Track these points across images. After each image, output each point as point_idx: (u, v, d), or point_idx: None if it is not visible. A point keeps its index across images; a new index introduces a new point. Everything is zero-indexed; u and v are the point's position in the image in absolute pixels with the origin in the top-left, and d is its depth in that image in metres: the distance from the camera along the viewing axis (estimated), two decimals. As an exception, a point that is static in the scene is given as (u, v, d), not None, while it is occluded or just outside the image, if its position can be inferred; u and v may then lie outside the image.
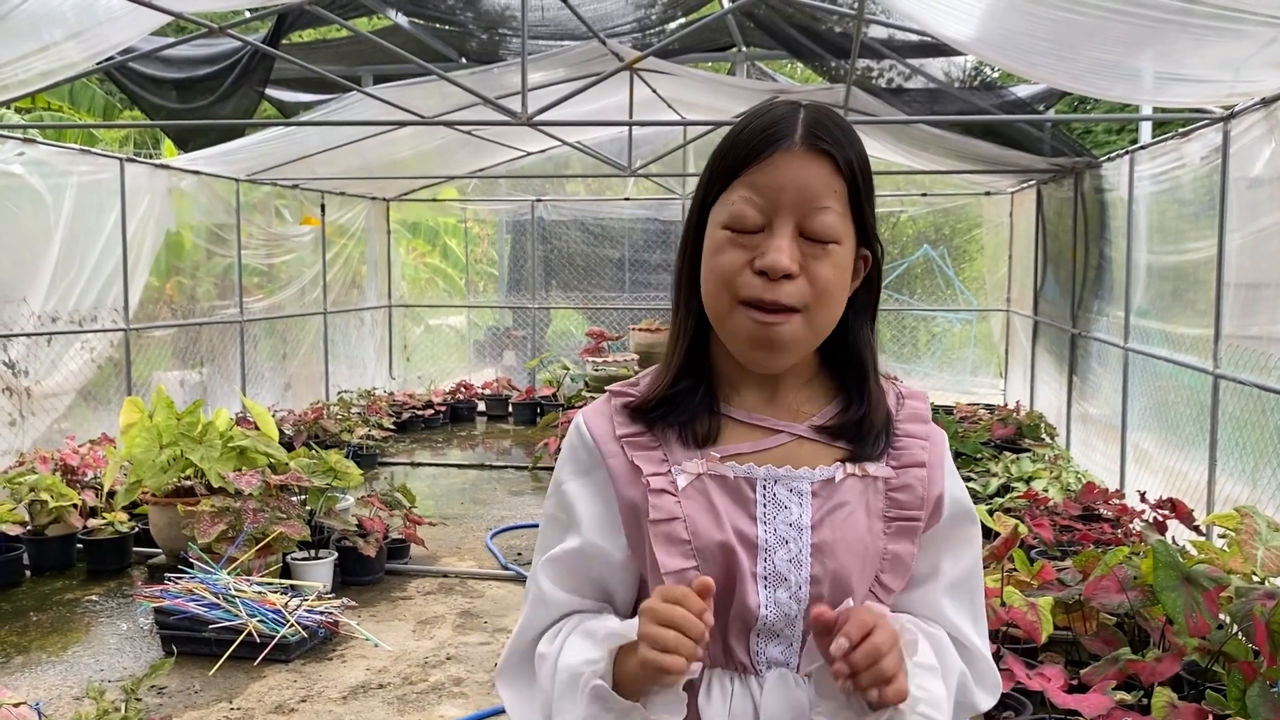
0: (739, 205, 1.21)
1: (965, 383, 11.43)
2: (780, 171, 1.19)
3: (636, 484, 1.25)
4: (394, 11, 8.72)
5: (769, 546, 1.23)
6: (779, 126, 1.21)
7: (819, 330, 1.23)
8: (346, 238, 10.99)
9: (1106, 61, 4.48)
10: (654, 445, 1.28)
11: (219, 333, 8.93)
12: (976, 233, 11.63)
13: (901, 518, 1.27)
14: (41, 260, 6.61)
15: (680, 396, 1.28)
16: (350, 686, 4.27)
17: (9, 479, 5.81)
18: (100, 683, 4.18)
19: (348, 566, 5.56)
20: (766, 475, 1.25)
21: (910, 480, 1.28)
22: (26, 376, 6.52)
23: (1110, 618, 3.86)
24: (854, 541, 1.24)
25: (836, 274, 1.22)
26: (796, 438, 1.28)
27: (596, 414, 1.33)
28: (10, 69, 5.32)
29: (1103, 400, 7.09)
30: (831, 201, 1.20)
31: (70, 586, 5.57)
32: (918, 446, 1.29)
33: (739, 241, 1.21)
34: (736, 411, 1.29)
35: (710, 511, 1.24)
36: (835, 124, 1.23)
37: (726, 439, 1.27)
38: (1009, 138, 7.58)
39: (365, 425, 9.01)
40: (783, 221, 1.19)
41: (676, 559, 1.22)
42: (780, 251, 1.18)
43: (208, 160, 8.22)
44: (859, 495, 1.26)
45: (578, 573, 1.29)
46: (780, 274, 1.18)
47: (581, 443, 1.32)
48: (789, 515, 1.24)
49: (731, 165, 1.23)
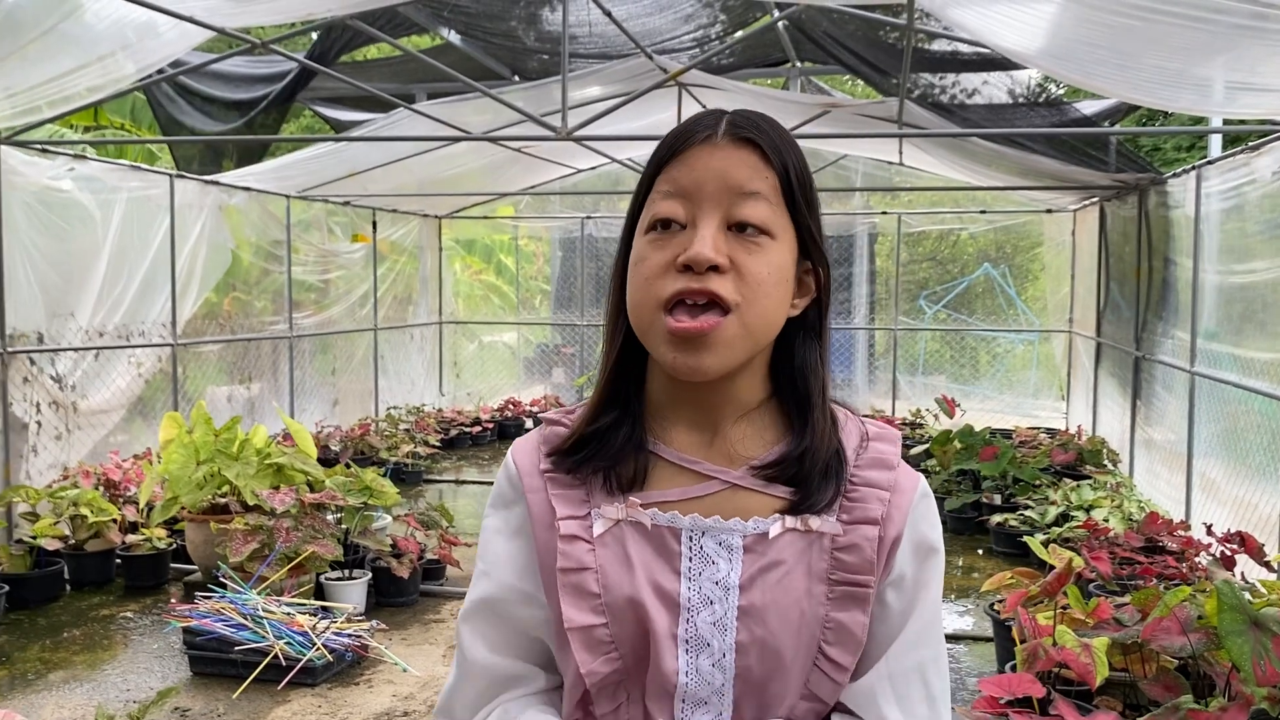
0: (659, 202, 1.08)
1: (1026, 405, 11.11)
2: (701, 162, 1.07)
3: (553, 526, 1.11)
4: (447, 30, 8.73)
5: (692, 606, 1.08)
6: (699, 123, 1.10)
7: (753, 331, 1.07)
8: (398, 254, 11.01)
9: (1170, 70, 4.26)
10: (577, 484, 1.13)
11: (269, 348, 8.96)
12: (1038, 251, 11.32)
13: (848, 582, 1.09)
14: (89, 275, 6.65)
15: (605, 433, 1.13)
16: (375, 714, 4.17)
17: (51, 493, 5.82)
18: (125, 703, 4.13)
19: (381, 587, 5.47)
20: (693, 526, 1.09)
21: (858, 540, 1.09)
22: (73, 391, 6.56)
23: (1172, 660, 3.62)
24: (788, 606, 1.07)
25: (771, 272, 1.07)
26: (731, 485, 1.11)
27: (525, 444, 1.19)
28: (55, 85, 5.36)
29: (1168, 426, 6.78)
30: (761, 188, 1.07)
31: (107, 602, 5.56)
32: (875, 499, 1.11)
33: (661, 242, 1.08)
34: (666, 451, 1.13)
35: (625, 563, 1.09)
36: (763, 120, 1.10)
37: (654, 483, 1.12)
38: (1071, 153, 7.33)
39: (411, 442, 8.97)
40: (707, 214, 1.06)
41: (585, 614, 1.08)
42: (703, 243, 1.04)
43: (258, 177, 8.27)
44: (799, 553, 1.09)
45: (499, 626, 1.15)
46: (705, 265, 1.04)
47: (505, 477, 1.18)
48: (715, 572, 1.08)
49: (653, 169, 1.11)
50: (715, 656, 1.07)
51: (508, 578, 1.14)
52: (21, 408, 6.13)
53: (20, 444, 6.13)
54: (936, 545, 1.14)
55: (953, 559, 6.45)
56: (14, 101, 5.46)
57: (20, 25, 4.74)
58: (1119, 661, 3.66)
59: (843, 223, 11.39)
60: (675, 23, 8.04)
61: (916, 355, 11.71)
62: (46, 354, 6.32)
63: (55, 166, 6.36)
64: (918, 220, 11.32)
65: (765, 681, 1.08)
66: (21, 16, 4.67)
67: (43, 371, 6.31)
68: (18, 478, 6.03)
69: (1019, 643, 3.72)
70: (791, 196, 1.09)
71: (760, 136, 1.08)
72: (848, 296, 11.57)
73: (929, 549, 1.13)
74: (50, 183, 6.28)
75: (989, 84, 7.20)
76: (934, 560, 1.13)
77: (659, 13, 7.91)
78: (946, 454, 7.54)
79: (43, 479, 6.22)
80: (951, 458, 7.46)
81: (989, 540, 6.62)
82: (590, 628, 1.08)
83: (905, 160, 9.49)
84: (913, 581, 1.11)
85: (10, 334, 5.98)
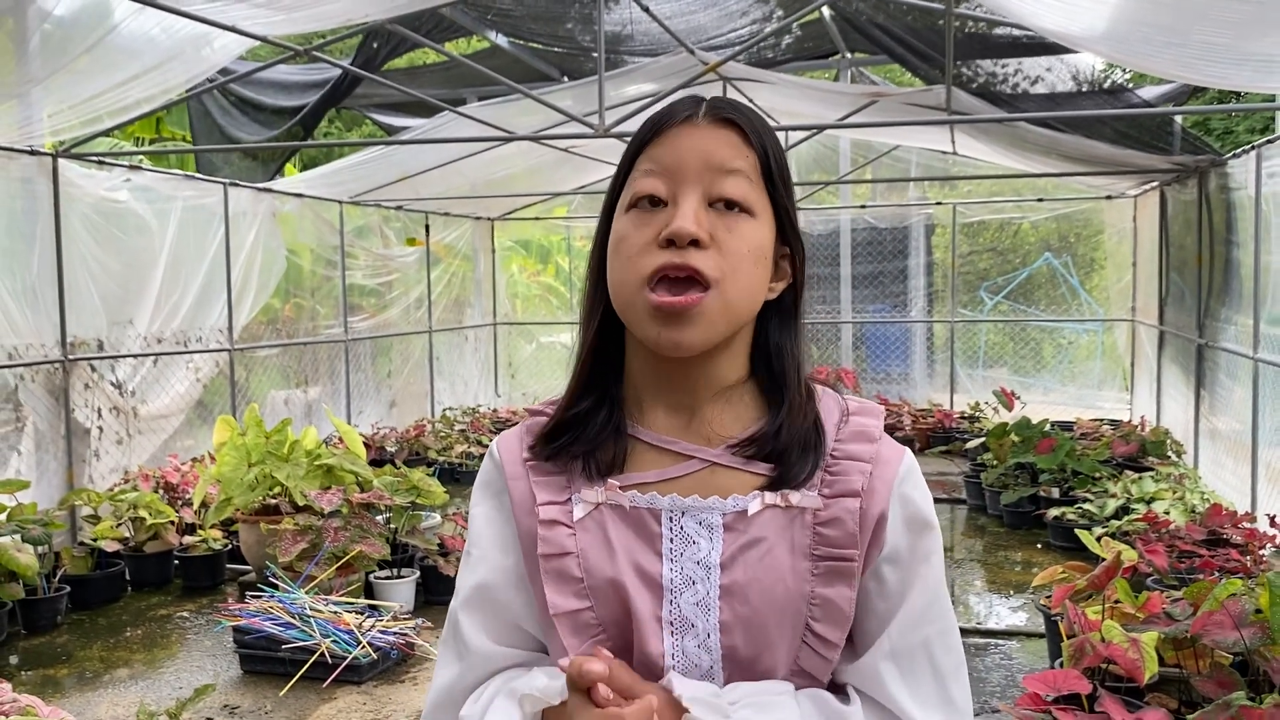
0: (640, 180, 1.09)
1: (1089, 397, 10.84)
2: (683, 141, 1.09)
3: (534, 513, 1.12)
4: (494, 33, 8.79)
5: (674, 588, 1.07)
6: (679, 105, 1.12)
7: (733, 307, 1.07)
8: (452, 257, 11.11)
9: (1218, 45, 4.12)
10: (557, 471, 1.14)
11: (326, 352, 9.10)
12: (1100, 239, 11.05)
13: (831, 556, 1.07)
14: (147, 284, 6.81)
15: (583, 418, 1.13)
16: (419, 711, 4.20)
17: (112, 496, 5.97)
18: (176, 702, 4.21)
19: (430, 586, 5.52)
20: (672, 506, 1.09)
21: (840, 513, 1.08)
22: (133, 397, 6.73)
23: (1227, 656, 3.50)
24: (772, 584, 1.06)
25: (751, 250, 1.08)
26: (709, 464, 1.10)
27: (509, 435, 1.20)
28: (107, 98, 5.49)
29: (1232, 415, 6.58)
30: (742, 165, 1.08)
31: (165, 602, 5.68)
32: (856, 471, 1.10)
33: (643, 220, 1.08)
34: (645, 434, 1.13)
35: (606, 547, 1.09)
36: (743, 106, 1.12)
37: (633, 465, 1.12)
38: (1134, 139, 7.15)
39: (465, 442, 9.05)
40: (688, 190, 1.07)
41: (568, 599, 1.08)
42: (685, 218, 1.05)
43: (310, 183, 8.40)
44: (780, 529, 1.08)
45: (499, 613, 1.15)
46: (686, 239, 1.05)
47: (491, 466, 1.20)
48: (696, 552, 1.08)
49: (634, 150, 1.12)
50: (700, 637, 1.07)
51: (502, 563, 1.14)
52: (84, 413, 6.30)
53: (83, 449, 6.29)
54: (929, 518, 1.12)
55: (1009, 554, 6.32)
56: (67, 116, 5.61)
57: (68, 40, 4.87)
58: (1171, 657, 3.55)
59: (898, 214, 11.23)
60: (721, 19, 8.01)
61: (977, 348, 11.50)
62: (107, 361, 6.48)
63: (112, 178, 6.53)
64: (975, 210, 11.12)
65: (753, 660, 1.07)
66: (68, 32, 4.80)
67: (103, 378, 6.47)
68: (80, 481, 6.19)
69: (1066, 638, 3.63)
70: (770, 177, 1.10)
71: (740, 118, 1.10)
72: (904, 289, 11.40)
73: (922, 522, 1.11)
74: (106, 194, 6.44)
75: (1051, 71, 7.07)
76: (929, 534, 1.11)
77: (704, 9, 7.88)
78: (1003, 447, 7.39)
79: (104, 483, 6.38)
80: (1008, 451, 7.31)
81: (1046, 535, 6.48)
82: (576, 612, 1.09)
83: (959, 150, 9.32)
84: (909, 556, 1.10)
85: (71, 342, 6.15)
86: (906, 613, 1.09)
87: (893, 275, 11.33)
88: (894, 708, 1.07)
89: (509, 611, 1.14)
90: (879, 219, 11.20)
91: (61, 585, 5.38)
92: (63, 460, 6.12)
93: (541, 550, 1.10)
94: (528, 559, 1.13)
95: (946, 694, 1.08)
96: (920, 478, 1.14)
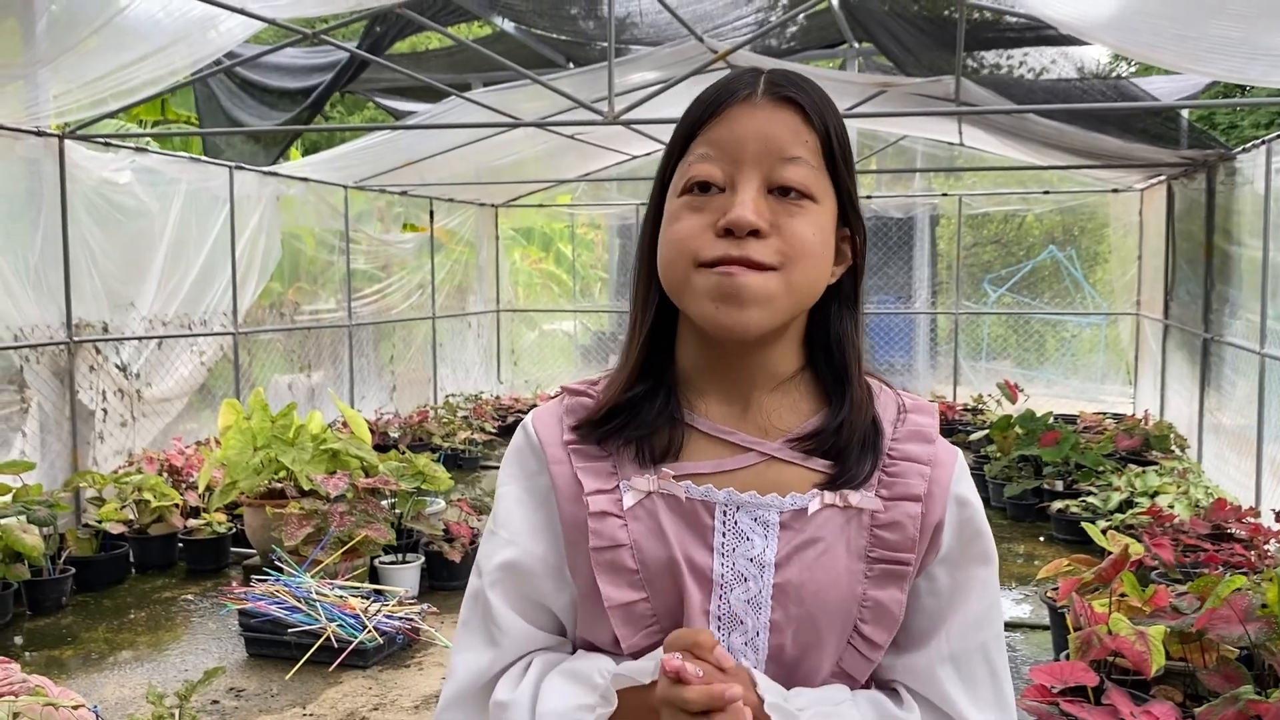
0: (696, 164, 1.05)
1: (1092, 390, 10.85)
2: (741, 123, 1.03)
3: (579, 499, 1.08)
4: (500, 19, 8.76)
5: (725, 583, 1.05)
6: (737, 81, 1.06)
7: (796, 292, 1.03)
8: (455, 243, 11.09)
9: (1232, 39, 4.10)
10: (603, 455, 1.09)
11: (329, 337, 9.09)
12: (1105, 232, 11.03)
13: (887, 560, 1.06)
14: (148, 266, 6.79)
15: (637, 402, 1.09)
16: (424, 696, 4.21)
17: (117, 479, 5.97)
18: (182, 683, 4.21)
19: (434, 571, 5.52)
20: (728, 500, 1.06)
21: (900, 517, 1.06)
22: (138, 379, 6.72)
23: (1233, 650, 3.50)
24: (827, 586, 1.04)
25: (815, 234, 1.03)
26: (767, 457, 1.08)
27: (546, 414, 1.16)
28: (114, 78, 5.47)
29: (1237, 410, 6.57)
30: (802, 152, 1.03)
31: (169, 585, 5.69)
32: (915, 474, 1.07)
33: (698, 205, 1.04)
34: (701, 422, 1.09)
35: (659, 536, 1.06)
36: (803, 79, 1.06)
37: (688, 454, 1.08)
38: (1140, 132, 7.13)
39: (468, 429, 9.05)
40: (747, 176, 1.03)
41: (623, 590, 1.05)
42: (744, 206, 1.01)
43: (315, 167, 8.37)
44: (838, 530, 1.05)
45: (530, 595, 1.11)
46: (746, 230, 1.00)
47: (528, 445, 1.15)
48: (750, 549, 1.05)
49: (688, 129, 1.07)
50: (748, 635, 1.05)
51: (534, 548, 1.10)
52: (88, 395, 6.29)
53: (87, 431, 6.29)
54: (983, 521, 1.11)
55: (1012, 546, 6.33)
56: (75, 97, 5.58)
57: (75, 21, 4.85)
58: (1177, 651, 3.55)
59: (903, 205, 11.21)
60: (728, 7, 7.97)
61: (980, 340, 11.49)
62: (111, 343, 6.47)
63: (117, 160, 6.50)
64: (980, 202, 11.10)
65: (798, 660, 1.06)
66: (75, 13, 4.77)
67: (108, 360, 6.46)
68: (85, 463, 6.19)
69: (1073, 631, 3.63)
70: (832, 159, 1.06)
71: (801, 96, 1.05)
72: (908, 280, 11.38)
73: (977, 526, 1.10)
74: (109, 175, 6.42)
75: (1056, 63, 7.04)
76: (984, 537, 1.10)
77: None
78: (1007, 440, 7.39)
79: (109, 465, 6.38)
80: (1012, 443, 7.31)
81: (1050, 527, 6.48)
82: (631, 604, 1.06)
83: (965, 141, 9.29)
84: (962, 558, 1.09)
85: (76, 324, 6.14)
86: (965, 616, 1.08)
87: (897, 266, 11.31)
88: (953, 712, 1.07)
89: (539, 592, 1.11)
90: (884, 209, 11.18)
91: (66, 567, 5.38)
92: (67, 442, 6.11)
93: (593, 544, 1.06)
94: (570, 547, 1.09)
95: (1002, 696, 1.09)
96: (970, 479, 1.13)
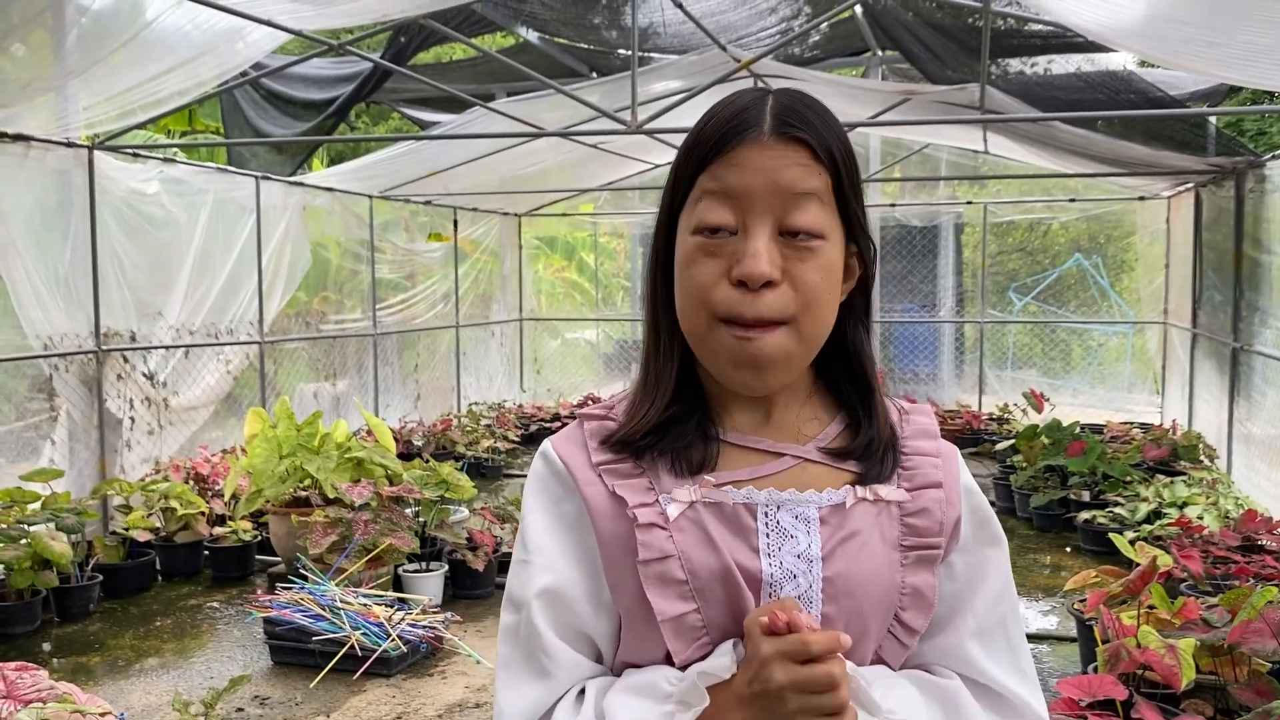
0: (707, 208, 1.06)
1: (1119, 400, 10.75)
2: (750, 166, 1.05)
3: (618, 517, 1.08)
4: (524, 29, 8.79)
5: (775, 582, 1.07)
6: (744, 116, 1.06)
7: (810, 342, 1.08)
8: (479, 252, 11.14)
9: (1261, 45, 4.06)
10: (637, 472, 1.10)
11: (354, 346, 9.14)
12: (1131, 240, 10.95)
13: (920, 546, 1.11)
14: (175, 276, 6.86)
15: (673, 423, 1.11)
16: (447, 705, 4.21)
17: (143, 486, 6.02)
18: (207, 691, 4.24)
19: (458, 580, 5.53)
20: (768, 500, 1.09)
21: (927, 504, 1.12)
22: (165, 388, 6.77)
23: (1265, 664, 3.46)
24: (872, 575, 1.09)
25: (825, 276, 1.06)
26: (801, 460, 1.12)
27: (566, 439, 1.16)
28: (142, 90, 5.53)
29: (1267, 419, 6.50)
30: (813, 188, 1.05)
31: (195, 592, 5.72)
32: (930, 465, 1.14)
33: (711, 248, 1.06)
34: (731, 435, 1.13)
35: (708, 544, 1.07)
36: (809, 107, 1.07)
37: (722, 465, 1.11)
38: (1163, 138, 7.07)
39: (491, 437, 9.07)
40: (758, 222, 1.05)
41: (673, 602, 1.06)
42: (757, 257, 1.03)
43: (340, 177, 8.43)
44: (872, 522, 1.11)
45: (569, 623, 1.10)
46: (760, 282, 1.03)
47: (551, 472, 1.15)
48: (796, 545, 1.08)
49: (696, 164, 1.08)
50: None
51: (571, 573, 1.10)
52: (116, 404, 6.35)
53: (115, 439, 6.35)
54: (988, 507, 1.19)
55: (1039, 556, 6.27)
56: (104, 109, 5.64)
57: (104, 34, 4.90)
58: (1207, 664, 3.51)
59: (928, 213, 11.16)
60: (752, 17, 7.97)
61: (1005, 349, 11.42)
62: (139, 352, 6.53)
63: (145, 170, 6.57)
64: (1005, 210, 11.04)
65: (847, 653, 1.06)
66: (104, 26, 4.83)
67: (135, 369, 6.52)
68: (112, 471, 6.24)
69: (1101, 643, 3.59)
70: (841, 191, 1.08)
71: (810, 133, 1.06)
72: (933, 289, 11.33)
73: (985, 513, 1.17)
74: (138, 185, 6.48)
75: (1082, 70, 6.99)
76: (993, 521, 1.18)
77: (734, 9, 7.85)
78: (1032, 450, 7.33)
79: (136, 473, 6.43)
80: (1038, 453, 7.25)
81: (1077, 538, 6.42)
82: (682, 615, 1.06)
83: (990, 148, 9.25)
84: (975, 543, 1.16)
85: (105, 333, 6.20)
86: (986, 594, 1.15)
87: (922, 274, 11.26)
88: (988, 681, 1.13)
89: (579, 619, 1.11)
90: (908, 217, 11.14)
91: (94, 574, 5.42)
92: (95, 450, 6.17)
93: (642, 556, 1.06)
94: (612, 565, 1.09)
95: (1019, 664, 1.16)
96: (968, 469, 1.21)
